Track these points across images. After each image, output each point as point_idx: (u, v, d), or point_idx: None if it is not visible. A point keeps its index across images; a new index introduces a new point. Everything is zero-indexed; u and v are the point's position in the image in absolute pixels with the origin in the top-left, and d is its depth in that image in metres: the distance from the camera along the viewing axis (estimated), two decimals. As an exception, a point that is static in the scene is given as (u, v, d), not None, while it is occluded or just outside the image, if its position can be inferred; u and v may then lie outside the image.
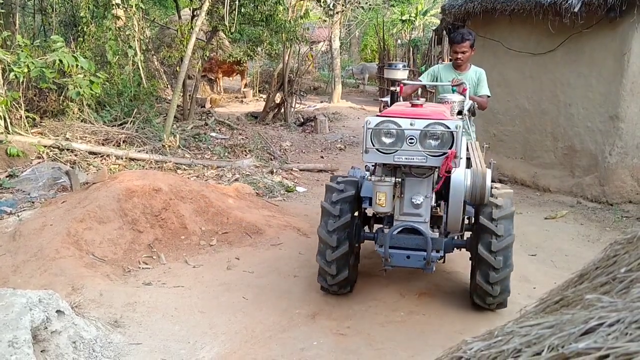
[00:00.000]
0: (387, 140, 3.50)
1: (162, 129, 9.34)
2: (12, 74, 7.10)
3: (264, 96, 15.87)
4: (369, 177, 3.85)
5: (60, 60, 7.02)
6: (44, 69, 7.03)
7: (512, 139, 8.42)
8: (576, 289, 1.09)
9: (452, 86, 5.02)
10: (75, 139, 8.19)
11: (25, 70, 6.96)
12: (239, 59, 15.34)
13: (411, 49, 17.96)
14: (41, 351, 3.18)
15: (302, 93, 15.13)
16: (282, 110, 13.43)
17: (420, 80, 5.47)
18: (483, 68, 5.42)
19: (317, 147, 11.38)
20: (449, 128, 3.42)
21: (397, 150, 3.48)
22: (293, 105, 13.63)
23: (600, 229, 6.33)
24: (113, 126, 9.10)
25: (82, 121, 8.75)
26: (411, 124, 3.45)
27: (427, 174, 3.68)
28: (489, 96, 5.45)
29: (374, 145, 3.50)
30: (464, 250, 4.23)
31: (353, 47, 26.04)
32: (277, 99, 13.60)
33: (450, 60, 5.52)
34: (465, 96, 4.76)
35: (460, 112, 4.52)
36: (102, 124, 8.98)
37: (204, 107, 14.40)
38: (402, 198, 3.71)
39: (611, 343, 0.79)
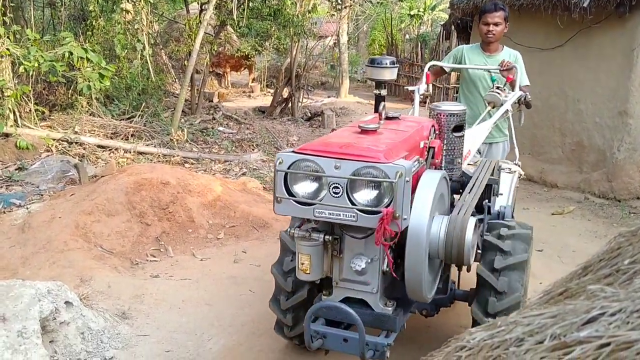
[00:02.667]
0: (305, 188, 2.51)
1: (170, 122, 9.37)
2: (21, 67, 7.15)
3: (272, 91, 15.88)
4: (291, 231, 2.66)
5: (70, 53, 7.05)
6: (54, 63, 7.07)
7: (519, 134, 8.37)
8: (580, 280, 1.10)
9: (499, 71, 4.23)
10: (83, 133, 8.24)
11: (35, 64, 7.00)
12: (246, 54, 15.34)
13: (419, 44, 17.90)
14: (50, 341, 3.22)
15: (309, 88, 15.13)
16: (290, 104, 13.44)
17: (444, 65, 4.77)
18: None
19: (325, 142, 11.37)
20: (387, 176, 2.36)
21: (318, 203, 2.47)
22: (300, 100, 13.64)
23: (608, 225, 6.31)
24: (121, 120, 9.15)
25: (90, 115, 8.80)
26: (336, 167, 2.41)
27: (369, 233, 2.56)
28: (528, 86, 4.55)
29: (288, 194, 2.53)
30: None
31: (361, 41, 25.99)
32: (285, 94, 13.61)
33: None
34: (513, 85, 4.16)
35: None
36: (111, 117, 9.03)
37: (212, 101, 14.42)
38: (342, 259, 2.67)
39: (612, 332, 0.80)
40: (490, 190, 3.35)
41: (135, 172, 5.72)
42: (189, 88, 11.10)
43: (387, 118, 2.96)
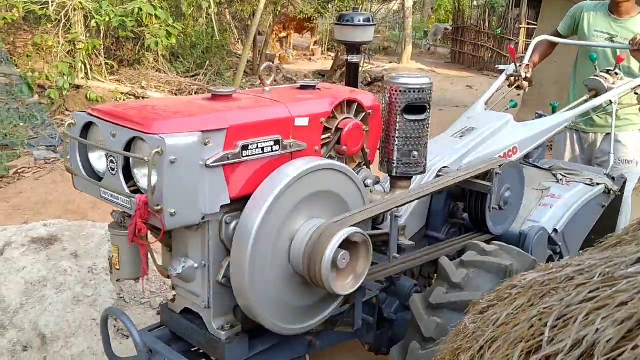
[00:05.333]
0: (94, 160, 1.94)
1: (232, 82, 9.54)
2: (93, 21, 7.42)
3: (332, 54, 15.83)
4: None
5: (140, 9, 7.25)
6: (124, 18, 7.30)
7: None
8: (635, 233, 1.11)
9: (629, 50, 3.40)
10: (150, 88, 8.52)
11: (107, 18, 7.25)
12: (309, 16, 15.30)
13: (487, 10, 17.36)
14: (117, 280, 3.43)
15: (370, 52, 14.98)
16: (350, 69, 13.37)
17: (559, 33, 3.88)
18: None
19: (384, 108, 11.32)
20: (153, 147, 1.65)
21: (103, 181, 1.88)
22: (361, 65, 13.54)
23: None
24: (186, 77, 9.38)
25: (157, 71, 9.07)
26: (112, 135, 1.79)
27: (196, 228, 1.91)
28: None
29: (84, 165, 1.94)
30: None
31: (426, 7, 25.41)
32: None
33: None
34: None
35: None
36: (176, 74, 9.28)
37: (273, 63, 14.52)
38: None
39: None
40: (483, 201, 2.48)
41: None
42: (252, 49, 11.21)
43: (302, 87, 2.25)
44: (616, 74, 3.37)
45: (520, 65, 3.42)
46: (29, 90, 7.23)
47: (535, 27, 12.63)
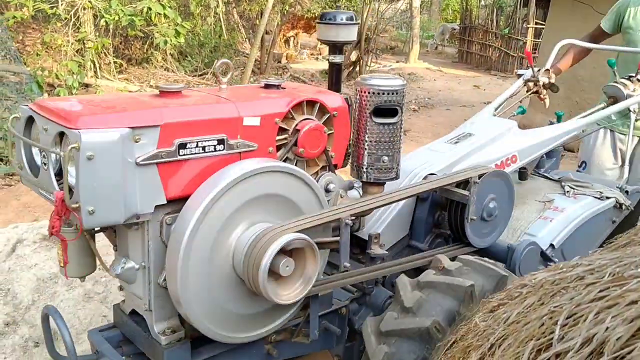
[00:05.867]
0: (35, 156, 1.88)
1: (240, 81, 9.56)
2: (102, 20, 7.47)
3: (340, 54, 15.84)
4: None
5: (149, 8, 7.29)
6: (133, 17, 7.34)
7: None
8: (645, 234, 1.12)
9: None
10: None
11: (116, 17, 7.29)
12: (317, 15, 15.33)
13: (495, 10, 17.33)
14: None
15: (377, 52, 15.00)
16: (357, 68, 13.39)
17: (603, 30, 3.62)
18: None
19: (391, 107, 11.34)
20: (72, 142, 1.59)
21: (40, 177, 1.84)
22: (369, 64, 13.56)
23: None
24: (194, 76, 9.42)
25: (165, 70, 9.11)
26: (44, 130, 1.74)
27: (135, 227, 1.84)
28: None
29: (24, 161, 1.87)
30: None
31: (434, 6, 25.38)
32: (353, 57, 13.56)
33: None
34: None
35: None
36: (184, 73, 9.32)
37: (280, 62, 14.56)
38: None
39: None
40: (463, 211, 2.32)
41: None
42: (259, 48, 11.25)
43: (266, 86, 2.16)
44: (638, 80, 3.16)
45: (538, 70, 3.25)
46: (39, 89, 7.28)
47: (543, 26, 12.61)
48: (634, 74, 3.18)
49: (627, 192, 2.97)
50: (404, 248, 2.45)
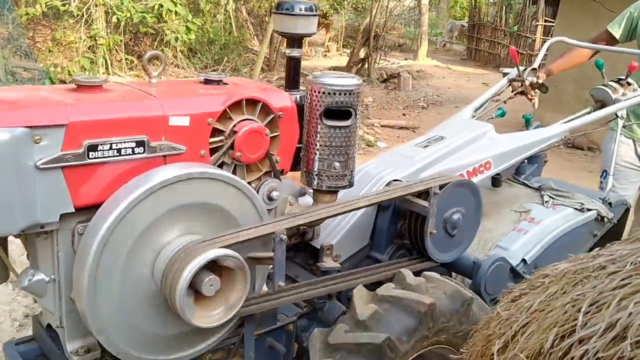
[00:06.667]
0: None
1: (249, 78, 9.62)
2: (114, 17, 7.53)
3: (348, 51, 15.87)
4: None
5: (161, 5, 7.35)
6: (144, 14, 7.40)
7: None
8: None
9: None
10: (168, 83, 8.63)
11: (128, 14, 7.35)
12: (325, 12, 15.35)
13: (504, 7, 17.30)
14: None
15: (385, 49, 15.01)
16: (366, 65, 13.41)
17: (612, 33, 3.37)
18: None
19: (399, 105, 11.35)
20: None
21: None
22: (377, 61, 13.58)
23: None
24: (205, 73, 9.47)
25: (175, 66, 9.17)
26: None
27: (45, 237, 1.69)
28: None
29: None
30: None
31: (442, 3, 25.34)
32: (361, 54, 13.58)
33: None
34: None
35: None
36: (194, 70, 9.37)
37: (289, 59, 14.59)
38: None
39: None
40: (420, 223, 2.15)
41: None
42: (268, 45, 11.29)
43: (206, 81, 1.98)
44: (628, 83, 2.93)
45: (525, 69, 3.03)
46: (51, 85, 7.37)
47: (552, 24, 12.59)
48: (623, 77, 2.94)
49: (610, 203, 2.78)
50: (364, 259, 2.28)
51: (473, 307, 1.82)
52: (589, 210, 2.66)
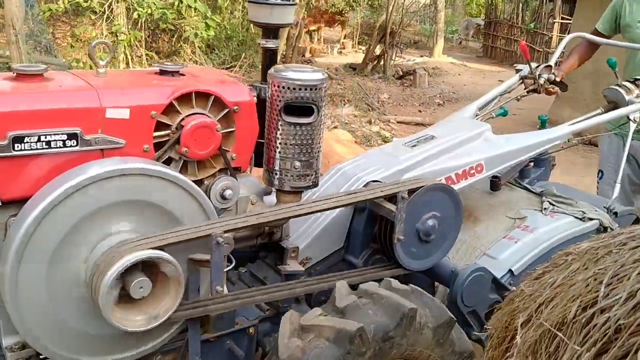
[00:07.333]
0: None
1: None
2: (135, 13, 7.65)
3: (363, 48, 15.91)
4: None
5: (180, 1, 7.46)
6: (165, 10, 7.51)
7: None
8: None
9: None
10: (187, 79, 8.74)
11: (148, 10, 7.47)
12: (340, 9, 15.39)
13: (520, 4, 17.22)
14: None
15: (401, 46, 15.03)
16: (382, 62, 13.45)
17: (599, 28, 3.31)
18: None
19: (415, 101, 11.38)
20: None
21: None
22: (393, 58, 13.61)
23: None
24: (222, 69, 9.57)
25: (194, 62, 9.27)
26: None
27: None
28: None
29: None
30: None
31: (458, 0, 25.25)
32: (377, 51, 13.62)
33: None
34: None
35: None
36: (212, 66, 9.47)
37: (304, 55, 14.66)
38: None
39: None
40: (390, 229, 2.01)
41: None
42: (284, 42, 11.37)
43: (161, 72, 1.86)
44: None
45: (538, 66, 2.89)
46: (74, 80, 7.50)
47: (569, 21, 12.53)
48: (639, 77, 2.76)
49: (615, 213, 2.55)
50: (338, 262, 2.16)
51: (417, 318, 1.70)
52: (590, 219, 2.46)
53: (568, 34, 3.28)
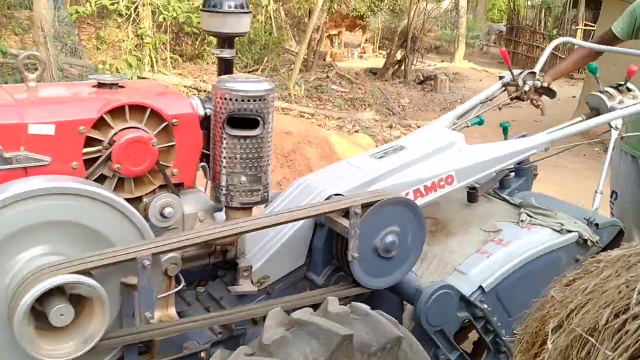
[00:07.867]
0: None
1: (288, 78, 9.77)
2: (161, 17, 7.78)
3: (384, 52, 15.93)
4: None
5: (206, 6, 7.56)
6: (189, 14, 7.62)
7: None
8: None
9: None
10: (211, 82, 8.84)
11: (174, 14, 7.58)
12: (362, 14, 15.44)
13: (543, 10, 17.12)
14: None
15: (422, 51, 15.03)
16: (403, 67, 13.46)
17: (617, 33, 3.11)
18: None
19: (436, 106, 11.38)
20: None
21: None
22: (414, 63, 13.62)
23: None
24: (244, 73, 9.67)
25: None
26: None
27: None
28: None
29: None
30: None
31: (479, 6, 25.16)
32: (398, 56, 13.63)
33: None
34: None
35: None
36: (235, 70, 9.58)
37: (325, 60, 14.72)
38: None
39: None
40: (346, 245, 1.89)
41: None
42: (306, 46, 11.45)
43: (99, 85, 1.77)
44: (628, 89, 2.59)
45: (521, 73, 2.75)
46: (100, 81, 7.63)
47: (593, 28, 12.44)
48: (622, 82, 2.60)
49: (596, 224, 2.40)
50: (300, 280, 2.05)
51: (354, 344, 1.58)
52: (569, 231, 2.31)
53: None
